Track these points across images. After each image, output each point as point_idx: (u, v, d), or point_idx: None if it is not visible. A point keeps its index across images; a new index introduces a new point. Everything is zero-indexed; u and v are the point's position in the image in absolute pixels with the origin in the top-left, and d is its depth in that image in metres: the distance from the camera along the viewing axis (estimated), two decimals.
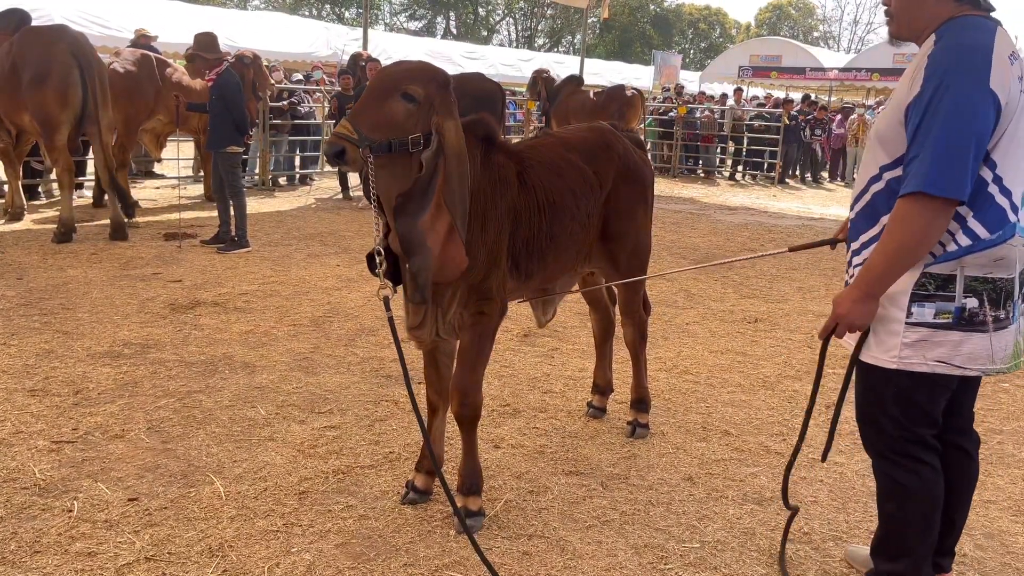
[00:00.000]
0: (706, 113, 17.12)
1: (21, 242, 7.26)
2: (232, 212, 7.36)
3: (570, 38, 56.73)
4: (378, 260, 2.60)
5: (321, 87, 13.62)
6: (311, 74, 15.19)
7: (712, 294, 6.64)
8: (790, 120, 16.45)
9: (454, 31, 53.99)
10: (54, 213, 8.34)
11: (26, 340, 4.66)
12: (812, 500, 3.25)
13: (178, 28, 13.10)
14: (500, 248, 2.84)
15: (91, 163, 9.32)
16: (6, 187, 8.68)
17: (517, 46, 50.93)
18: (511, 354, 4.86)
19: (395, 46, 19.56)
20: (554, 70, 16.51)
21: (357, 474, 3.28)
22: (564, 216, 3.10)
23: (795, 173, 17.67)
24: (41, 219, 8.44)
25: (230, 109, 7.19)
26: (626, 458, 3.55)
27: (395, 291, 2.74)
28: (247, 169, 11.72)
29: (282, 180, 12.31)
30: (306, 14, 43.88)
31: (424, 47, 20.85)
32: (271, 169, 11.93)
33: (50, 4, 12.38)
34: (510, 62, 23.51)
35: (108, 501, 2.98)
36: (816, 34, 62.36)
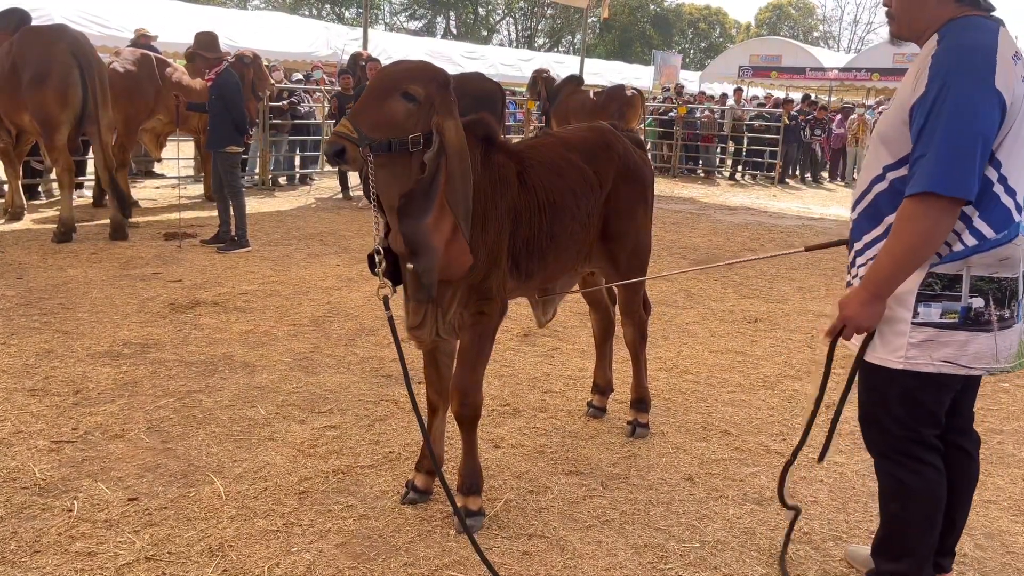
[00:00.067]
0: (706, 113, 17.12)
1: (21, 242, 7.26)
2: (232, 212, 7.37)
3: (570, 38, 56.75)
4: (377, 260, 2.61)
5: (321, 87, 13.62)
6: (311, 74, 15.19)
7: (712, 294, 6.64)
8: (790, 120, 16.45)
9: (454, 31, 54.00)
10: (54, 213, 8.34)
11: (26, 340, 4.66)
12: (812, 500, 3.25)
13: (178, 28, 13.09)
14: (500, 248, 2.84)
15: (91, 163, 9.32)
16: (6, 187, 8.68)
17: (517, 46, 50.94)
18: (511, 354, 4.86)
19: (395, 46, 19.57)
20: (554, 70, 16.51)
21: (357, 474, 3.28)
22: (564, 216, 3.10)
23: (795, 173, 17.67)
24: (41, 219, 8.44)
25: (229, 109, 7.19)
26: (626, 458, 3.55)
27: (395, 291, 2.74)
28: (247, 169, 11.73)
29: (282, 180, 12.31)
30: (306, 14, 43.89)
31: (424, 47, 20.85)
32: (271, 169, 11.93)
33: (50, 4, 12.38)
34: (510, 62, 23.53)
35: (108, 501, 2.98)
36: (816, 34, 62.40)
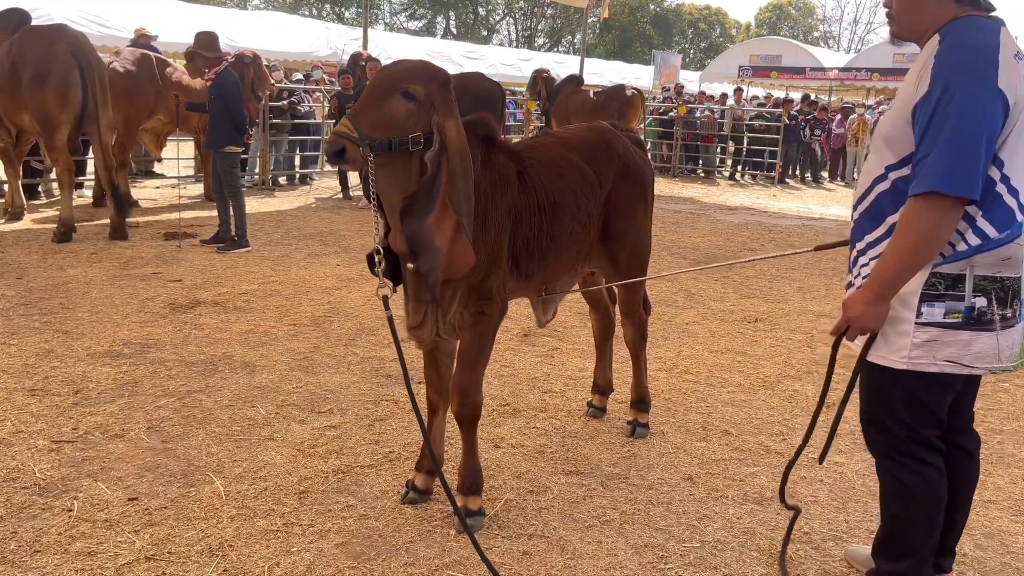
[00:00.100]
0: (706, 113, 17.12)
1: (21, 242, 7.26)
2: (232, 212, 7.36)
3: (570, 38, 56.75)
4: (377, 259, 2.60)
5: (321, 87, 13.62)
6: (311, 74, 15.19)
7: (712, 294, 6.64)
8: (790, 120, 16.45)
9: (454, 31, 54.00)
10: (54, 213, 8.34)
11: (26, 340, 4.66)
12: (812, 500, 3.25)
13: (178, 28, 13.10)
14: (500, 248, 2.84)
15: (91, 163, 9.32)
16: (6, 187, 8.68)
17: (517, 46, 50.94)
18: (511, 354, 4.86)
19: (395, 46, 19.57)
20: (554, 70, 16.52)
21: (357, 474, 3.28)
22: (564, 216, 3.10)
23: (795, 173, 17.67)
24: (41, 219, 8.43)
25: (229, 109, 7.18)
26: (626, 458, 3.55)
27: (395, 290, 2.74)
28: (247, 169, 11.73)
29: (282, 180, 12.30)
30: (306, 14, 43.90)
31: (424, 47, 20.86)
32: (271, 169, 11.93)
33: (50, 4, 12.38)
34: (510, 62, 23.53)
35: (108, 501, 2.98)
36: (816, 34, 62.39)
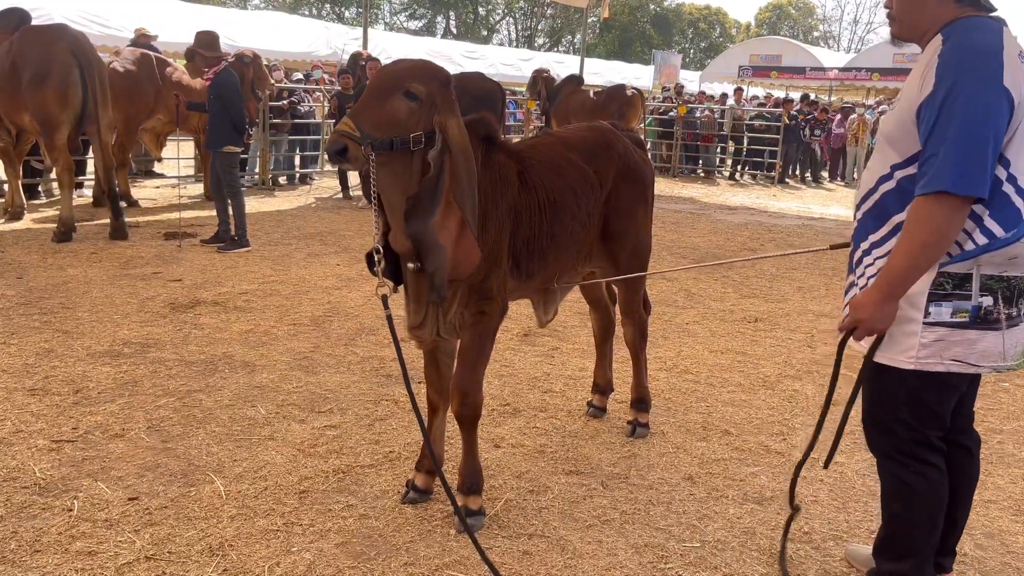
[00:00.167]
0: (706, 113, 17.12)
1: (21, 241, 7.26)
2: (231, 211, 7.36)
3: (570, 38, 56.76)
4: (376, 258, 2.60)
5: (321, 86, 13.62)
6: (311, 73, 15.19)
7: (712, 294, 6.64)
8: (790, 120, 16.45)
9: (454, 30, 54.01)
10: (54, 212, 8.33)
11: (26, 339, 4.66)
12: (812, 499, 3.25)
13: (178, 27, 13.11)
14: (501, 248, 2.84)
15: (91, 162, 9.32)
16: (6, 186, 8.68)
17: (517, 46, 50.93)
18: (511, 353, 4.86)
19: (395, 45, 19.58)
20: (554, 70, 16.53)
21: (357, 473, 3.28)
22: (565, 215, 3.09)
23: (795, 173, 17.67)
24: (41, 218, 8.43)
25: (227, 109, 7.17)
26: (626, 457, 3.55)
27: (396, 290, 2.74)
28: (247, 169, 11.72)
29: (282, 179, 12.30)
30: (306, 13, 43.91)
31: (424, 47, 20.86)
32: (271, 168, 11.92)
33: (50, 3, 12.38)
34: (510, 62, 23.55)
35: (108, 500, 2.98)
36: (816, 34, 62.40)
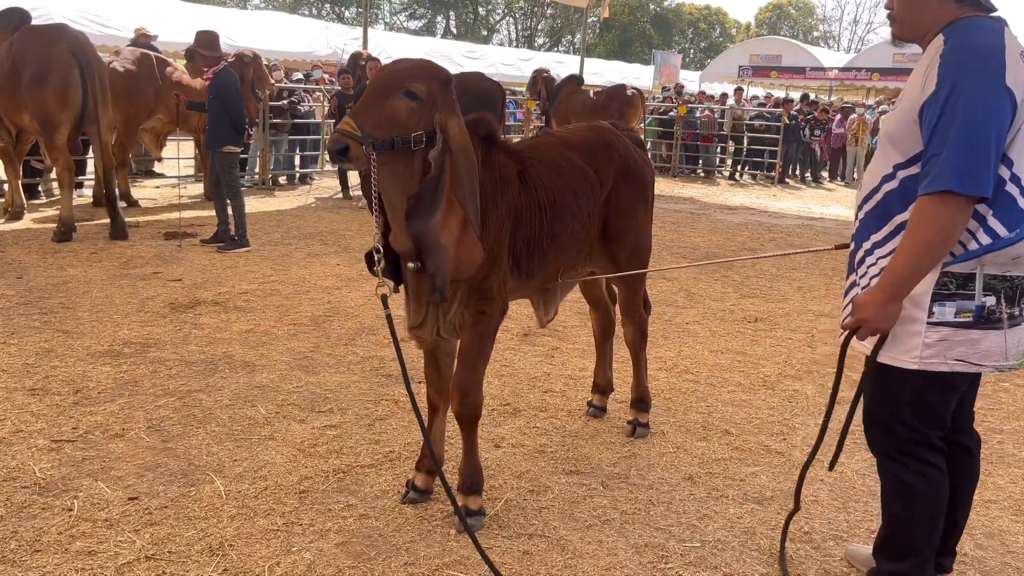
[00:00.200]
0: (706, 113, 17.12)
1: (21, 241, 7.25)
2: (231, 211, 7.35)
3: (570, 37, 56.76)
4: (376, 258, 2.60)
5: (321, 86, 13.61)
6: (311, 73, 15.19)
7: (712, 293, 6.64)
8: (790, 120, 16.45)
9: (454, 30, 54.01)
10: (54, 212, 8.33)
11: (26, 339, 4.66)
12: (813, 499, 3.25)
13: (178, 27, 13.11)
14: (501, 247, 2.84)
15: (91, 162, 9.32)
16: (6, 186, 8.68)
17: (517, 45, 50.94)
18: (511, 353, 4.86)
19: (395, 45, 19.58)
20: (554, 69, 16.53)
21: (357, 473, 3.28)
22: (565, 215, 3.09)
23: (795, 173, 17.68)
24: (41, 218, 8.43)
25: (227, 109, 7.16)
26: (626, 457, 3.55)
27: (397, 290, 2.74)
28: (247, 168, 11.72)
29: (282, 179, 12.30)
30: (306, 13, 43.91)
31: (424, 46, 20.86)
32: (271, 168, 11.92)
33: (50, 3, 12.38)
34: (510, 61, 23.56)
35: (108, 500, 2.98)
36: (816, 34, 62.40)
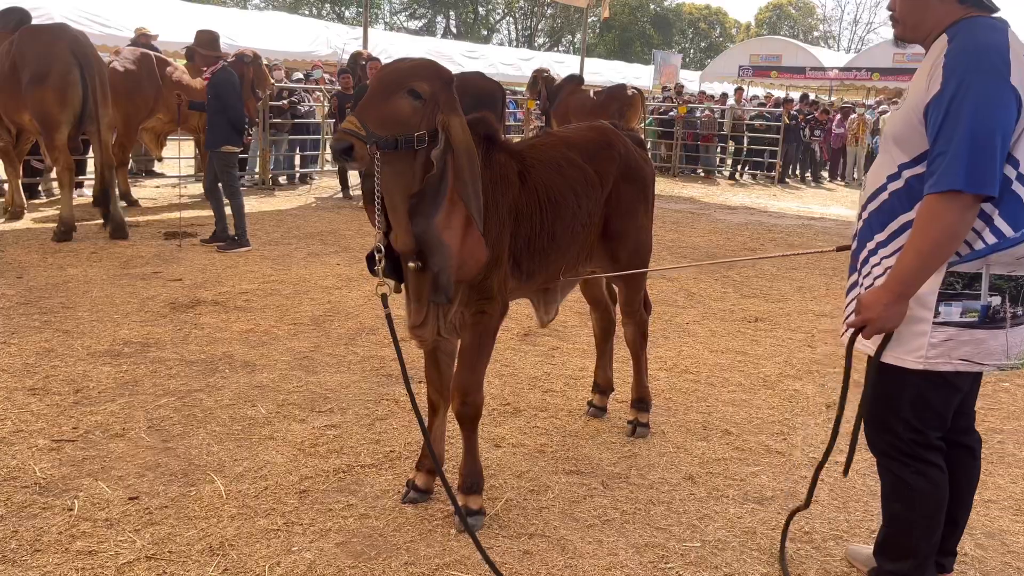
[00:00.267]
0: (706, 113, 17.12)
1: (21, 241, 7.25)
2: (230, 211, 7.34)
3: (570, 37, 56.75)
4: (378, 257, 2.60)
5: (321, 86, 13.61)
6: (311, 73, 15.19)
7: (712, 293, 6.64)
8: (790, 120, 16.45)
9: (454, 30, 54.01)
10: (54, 212, 8.33)
11: (26, 339, 4.66)
12: (813, 499, 3.24)
13: (178, 27, 13.11)
14: (501, 247, 2.84)
15: (91, 162, 9.31)
16: (6, 186, 8.68)
17: (517, 45, 50.93)
18: (512, 353, 4.86)
19: (395, 45, 19.60)
20: (554, 69, 16.52)
21: (358, 473, 3.28)
22: (565, 215, 3.09)
23: (795, 173, 17.68)
24: (41, 218, 8.43)
25: (225, 108, 7.15)
26: (627, 457, 3.55)
27: (398, 289, 2.74)
28: (247, 168, 11.72)
29: (282, 179, 12.30)
30: (306, 13, 43.90)
31: (424, 46, 20.87)
32: (271, 168, 11.92)
33: (50, 3, 12.38)
34: (510, 61, 23.57)
35: (108, 500, 2.98)
36: (816, 34, 62.38)
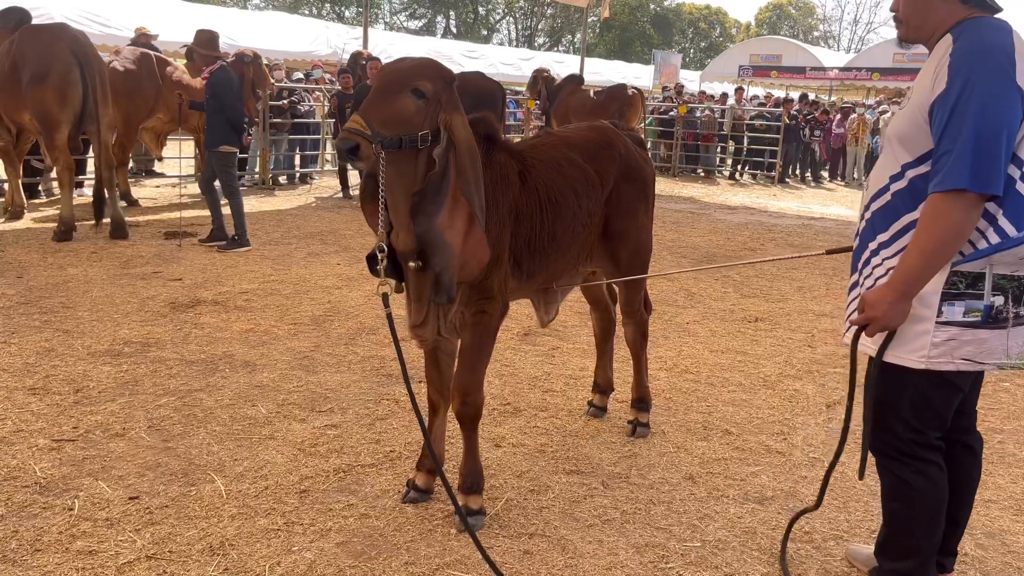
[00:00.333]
0: (706, 113, 17.12)
1: (21, 241, 7.25)
2: (229, 211, 7.33)
3: (570, 37, 56.75)
4: (380, 257, 2.60)
5: (321, 86, 13.61)
6: (311, 73, 15.19)
7: (713, 293, 6.64)
8: (790, 120, 16.45)
9: (454, 30, 54.00)
10: (54, 212, 8.33)
11: (26, 338, 4.66)
12: (813, 499, 3.24)
13: (178, 27, 13.10)
14: (502, 247, 2.84)
15: (91, 162, 9.31)
16: (6, 185, 8.68)
17: (517, 45, 50.92)
18: (512, 353, 4.86)
19: (395, 45, 19.60)
20: (554, 69, 16.54)
21: (358, 473, 3.28)
22: (566, 215, 3.09)
23: (795, 173, 17.68)
24: (41, 218, 8.43)
25: (223, 108, 7.14)
26: (627, 457, 3.55)
27: (400, 289, 2.74)
28: (247, 168, 11.72)
29: (282, 179, 12.29)
30: (306, 13, 43.89)
31: (424, 46, 20.88)
32: (271, 168, 11.92)
33: (50, 2, 12.39)
34: (510, 61, 23.58)
35: (109, 499, 2.97)
36: (816, 34, 62.37)
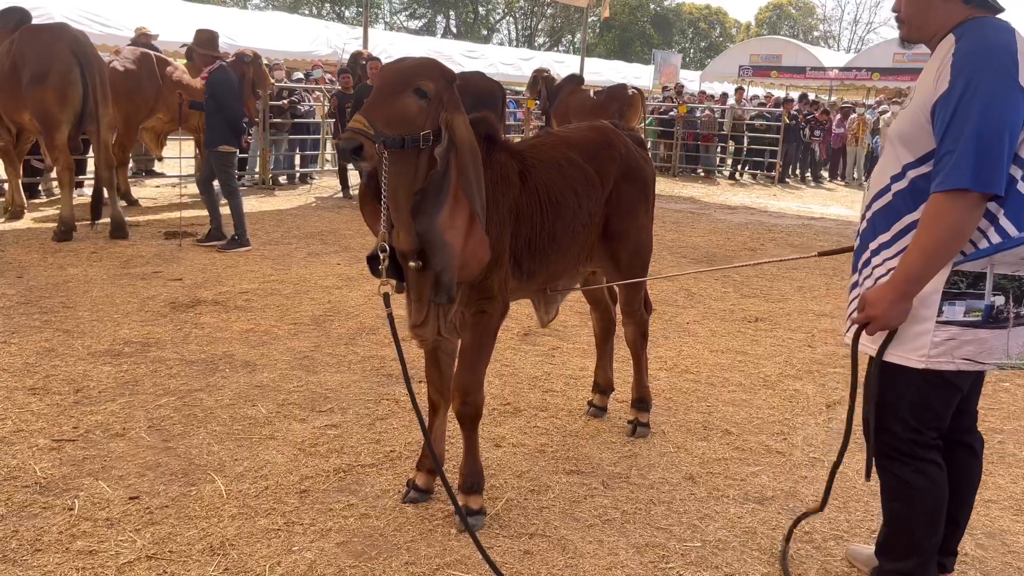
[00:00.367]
0: (706, 112, 17.12)
1: (21, 240, 7.25)
2: (227, 211, 7.33)
3: (570, 37, 56.76)
4: (381, 256, 2.60)
5: (321, 86, 13.61)
6: (311, 73, 15.18)
7: (713, 293, 6.64)
8: (790, 120, 16.45)
9: (454, 30, 54.01)
10: (54, 211, 8.33)
11: (26, 338, 4.66)
12: (814, 499, 3.24)
13: (178, 27, 13.10)
14: (502, 247, 2.84)
15: (91, 161, 9.31)
16: (6, 185, 8.68)
17: (517, 45, 50.93)
18: (512, 353, 4.86)
19: (395, 45, 19.60)
20: (554, 69, 16.54)
21: (358, 473, 3.28)
22: (566, 215, 3.09)
23: (795, 172, 17.68)
24: (41, 217, 8.43)
25: (222, 108, 7.13)
26: (627, 457, 3.55)
27: (401, 289, 2.74)
28: (247, 168, 11.72)
29: (282, 179, 12.29)
30: (306, 13, 43.89)
31: (424, 46, 20.88)
32: (271, 168, 11.91)
33: (50, 2, 12.39)
34: (510, 61, 23.59)
35: (109, 499, 2.98)
36: (816, 33, 62.38)
